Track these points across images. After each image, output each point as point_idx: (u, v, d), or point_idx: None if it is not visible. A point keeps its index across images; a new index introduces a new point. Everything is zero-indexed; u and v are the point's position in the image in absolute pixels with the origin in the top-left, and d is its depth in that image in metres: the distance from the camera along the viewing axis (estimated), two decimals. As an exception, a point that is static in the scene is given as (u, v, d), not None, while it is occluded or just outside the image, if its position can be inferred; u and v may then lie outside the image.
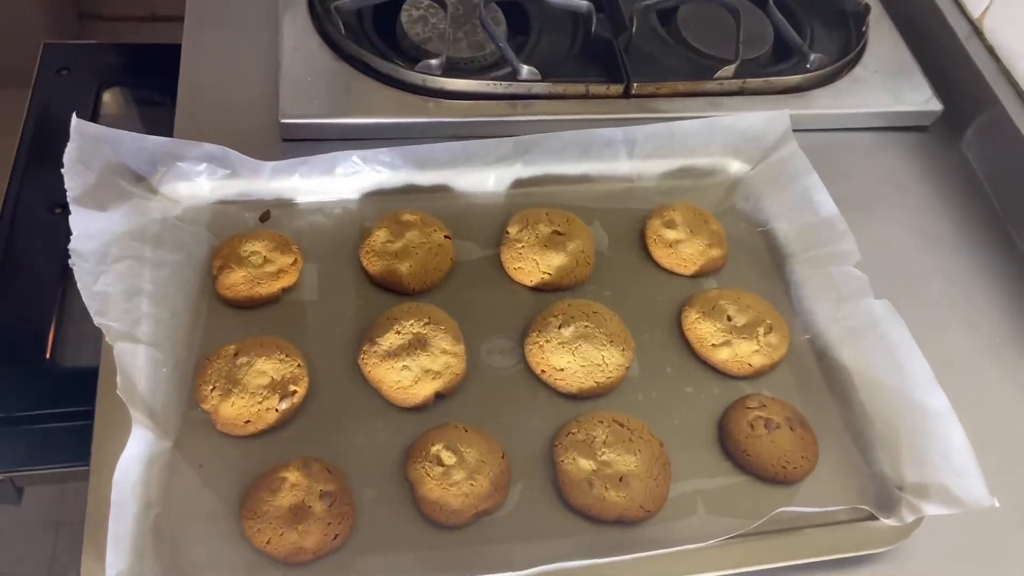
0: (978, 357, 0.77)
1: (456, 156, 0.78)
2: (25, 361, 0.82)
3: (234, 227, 0.75)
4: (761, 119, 0.81)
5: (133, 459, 0.59)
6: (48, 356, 0.83)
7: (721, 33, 0.94)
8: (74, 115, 0.69)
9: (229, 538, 0.60)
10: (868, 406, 0.69)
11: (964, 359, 0.76)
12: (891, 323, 0.69)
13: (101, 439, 0.62)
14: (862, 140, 0.92)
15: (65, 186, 0.66)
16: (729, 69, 0.88)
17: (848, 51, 0.95)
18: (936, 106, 0.92)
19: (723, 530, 0.60)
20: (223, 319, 0.71)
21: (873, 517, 0.64)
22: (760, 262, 0.80)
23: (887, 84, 0.93)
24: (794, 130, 0.81)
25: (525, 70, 0.85)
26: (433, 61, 0.85)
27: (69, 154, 0.67)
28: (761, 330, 0.72)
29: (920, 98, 0.93)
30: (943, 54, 0.96)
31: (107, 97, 1.07)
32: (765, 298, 0.75)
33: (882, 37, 0.98)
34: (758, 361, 0.71)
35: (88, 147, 0.69)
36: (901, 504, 0.64)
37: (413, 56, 0.88)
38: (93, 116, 1.03)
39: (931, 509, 0.62)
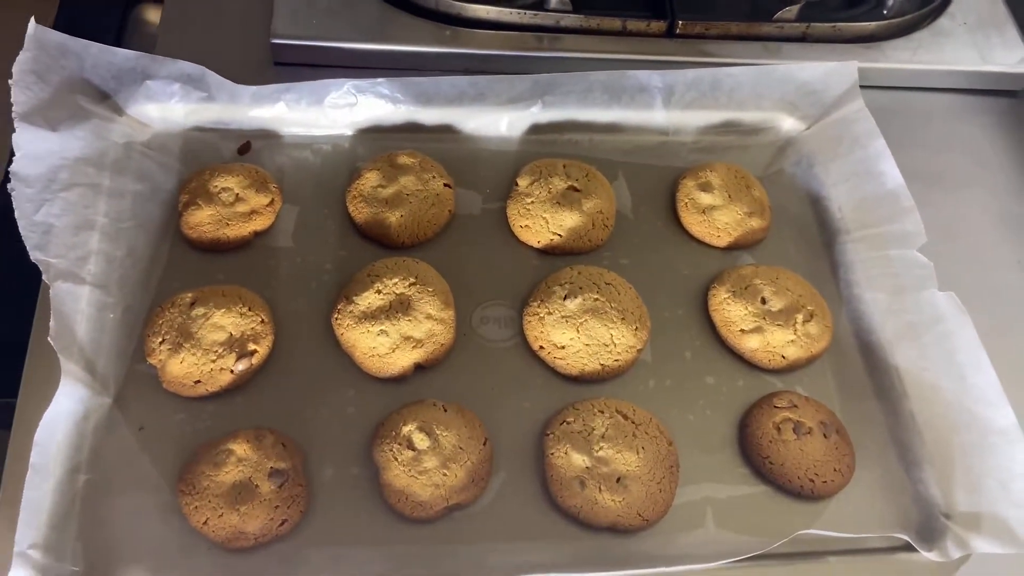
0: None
1: (465, 93, 0.70)
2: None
3: (209, 158, 0.68)
4: (823, 70, 0.72)
5: (60, 417, 0.53)
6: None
7: (787, -33, 0.85)
8: (32, 20, 0.61)
9: (164, 513, 0.54)
10: (919, 416, 0.62)
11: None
12: (956, 320, 0.61)
13: (30, 390, 0.56)
14: (940, 103, 0.83)
15: (11, 100, 0.59)
16: (792, 10, 0.80)
17: (934, -3, 0.86)
18: (1031, 68, 0.83)
19: (732, 549, 0.54)
20: (185, 262, 0.64)
21: (912, 548, 0.57)
22: (806, 238, 0.72)
23: (975, 39, 0.84)
24: (861, 86, 0.72)
25: (554, -2, 0.76)
26: (450, -18, 0.75)
27: (21, 64, 0.60)
28: (800, 317, 0.64)
29: (1013, 57, 0.83)
30: (1044, 8, 0.86)
31: (137, 14, 1.00)
32: (808, 280, 0.68)
33: (974, -17, 0.88)
34: (793, 353, 0.63)
35: (46, 58, 0.62)
36: (947, 536, 0.57)
37: (429, -25, 0.78)
38: (119, 32, 0.95)
39: (981, 545, 0.55)
